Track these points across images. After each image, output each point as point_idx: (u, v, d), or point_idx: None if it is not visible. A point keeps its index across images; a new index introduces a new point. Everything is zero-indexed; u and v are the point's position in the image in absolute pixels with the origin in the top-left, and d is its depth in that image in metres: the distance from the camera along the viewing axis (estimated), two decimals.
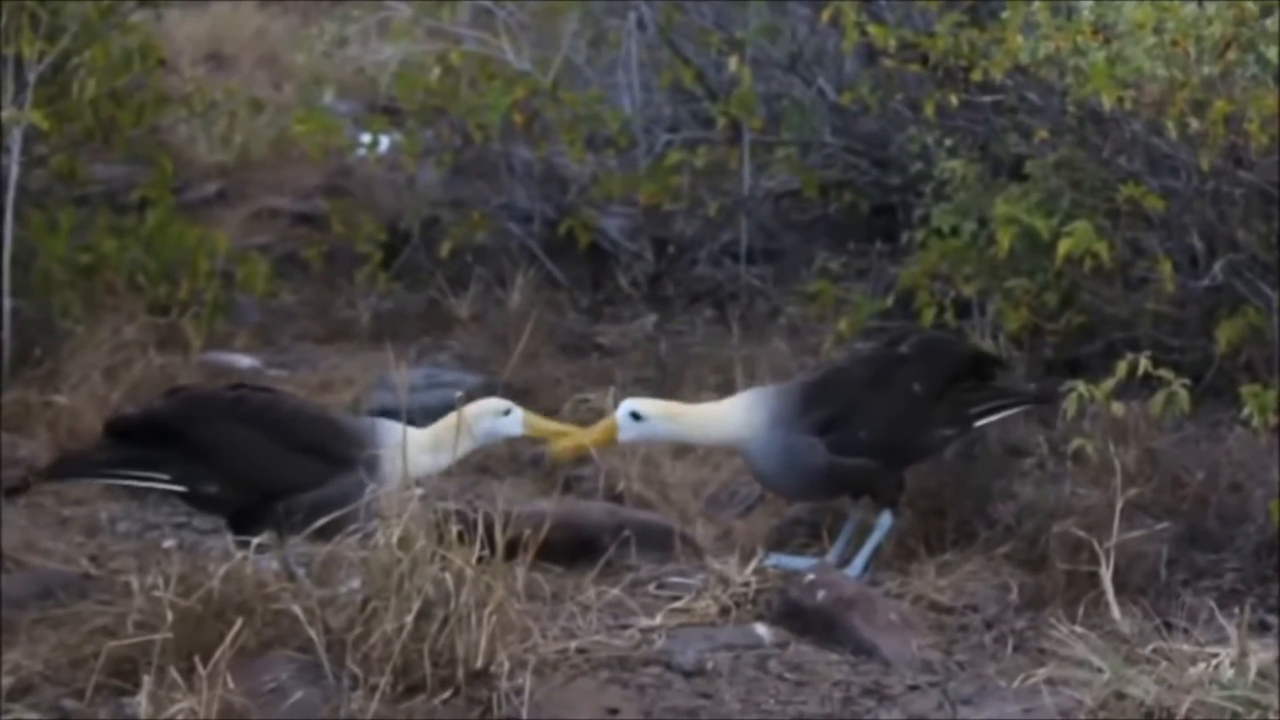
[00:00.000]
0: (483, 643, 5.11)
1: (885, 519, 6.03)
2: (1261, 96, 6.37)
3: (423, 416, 6.71)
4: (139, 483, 5.66)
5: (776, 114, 8.93)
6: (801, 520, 6.40)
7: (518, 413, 5.79)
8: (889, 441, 5.99)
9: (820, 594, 5.69)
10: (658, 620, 5.70)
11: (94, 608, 5.41)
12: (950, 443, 6.15)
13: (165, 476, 5.56)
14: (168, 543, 6.14)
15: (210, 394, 5.76)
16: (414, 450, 5.58)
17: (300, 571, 5.54)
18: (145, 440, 5.60)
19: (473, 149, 9.03)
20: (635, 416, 5.92)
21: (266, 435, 5.60)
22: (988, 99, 7.22)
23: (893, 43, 7.36)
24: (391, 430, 5.63)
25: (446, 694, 5.09)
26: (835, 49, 8.64)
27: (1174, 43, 6.45)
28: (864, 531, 6.05)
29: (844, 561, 6.02)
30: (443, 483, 5.51)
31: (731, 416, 5.99)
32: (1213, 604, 5.62)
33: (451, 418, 5.68)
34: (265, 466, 5.56)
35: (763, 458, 5.97)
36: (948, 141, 7.51)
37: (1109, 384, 6.21)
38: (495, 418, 5.77)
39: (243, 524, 5.56)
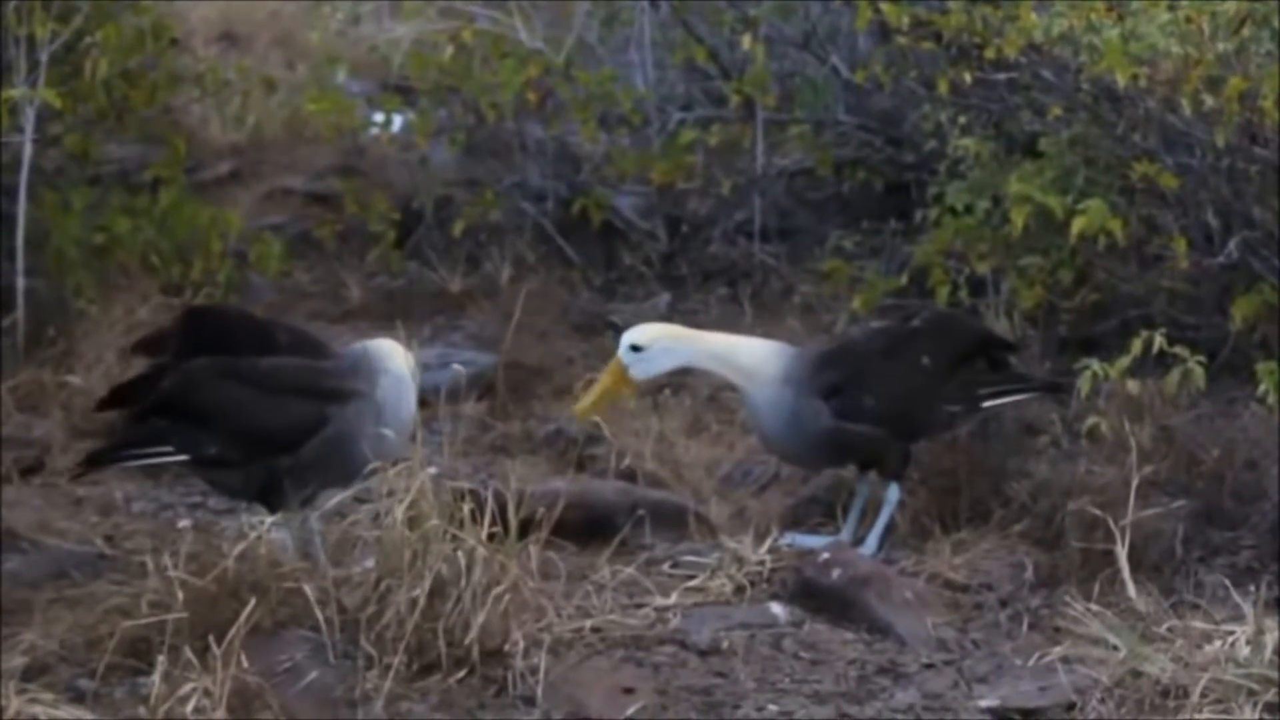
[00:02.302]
0: (497, 622, 5.12)
1: (893, 492, 6.02)
2: (1276, 73, 6.36)
3: (435, 396, 6.72)
4: (156, 459, 5.64)
5: (790, 92, 8.90)
6: (817, 499, 6.38)
7: None
8: (894, 411, 5.97)
9: (835, 572, 5.69)
10: (672, 599, 5.69)
11: (109, 587, 5.42)
12: (957, 420, 6.13)
13: (171, 449, 5.53)
14: (182, 522, 6.14)
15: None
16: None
17: (320, 551, 5.53)
18: (157, 413, 5.56)
19: (485, 128, 9.01)
20: (635, 349, 5.92)
21: (258, 391, 5.54)
22: (1002, 76, 7.21)
23: (906, 20, 7.34)
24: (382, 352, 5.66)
25: (461, 673, 5.10)
26: (849, 26, 8.62)
27: (1188, 19, 6.43)
28: (875, 508, 6.05)
29: (858, 540, 6.02)
30: (455, 462, 5.49)
31: (745, 352, 5.97)
32: (1228, 581, 5.62)
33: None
34: (265, 421, 5.51)
35: (767, 418, 5.96)
36: (961, 119, 7.50)
37: (1124, 361, 6.20)
38: None
39: (269, 496, 5.54)
